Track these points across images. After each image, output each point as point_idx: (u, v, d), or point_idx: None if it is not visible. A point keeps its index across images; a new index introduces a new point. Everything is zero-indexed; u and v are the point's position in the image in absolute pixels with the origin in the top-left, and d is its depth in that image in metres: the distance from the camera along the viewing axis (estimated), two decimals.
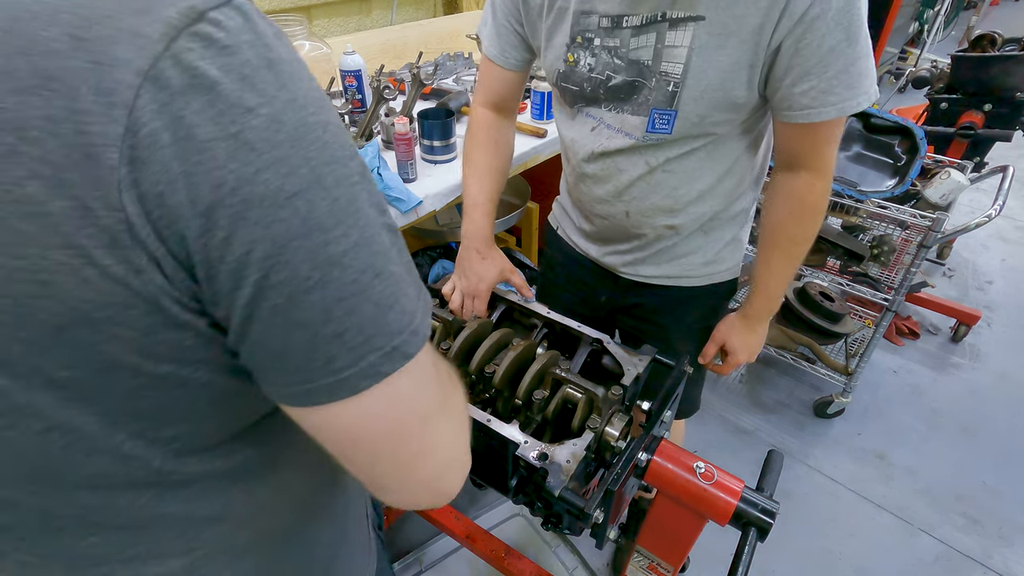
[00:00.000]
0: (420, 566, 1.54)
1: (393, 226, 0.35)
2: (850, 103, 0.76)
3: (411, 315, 0.34)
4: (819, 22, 0.70)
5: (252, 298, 0.29)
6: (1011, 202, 2.57)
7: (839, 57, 0.73)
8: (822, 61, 0.73)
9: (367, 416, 0.35)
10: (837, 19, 0.70)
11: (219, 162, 0.27)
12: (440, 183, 1.27)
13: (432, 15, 2.15)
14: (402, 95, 1.65)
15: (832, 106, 0.76)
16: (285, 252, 0.29)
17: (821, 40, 0.71)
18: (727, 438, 1.93)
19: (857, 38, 0.72)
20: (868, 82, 0.76)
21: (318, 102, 0.31)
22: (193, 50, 0.26)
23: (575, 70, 0.87)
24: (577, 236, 1.10)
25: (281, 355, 0.31)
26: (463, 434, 0.44)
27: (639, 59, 0.81)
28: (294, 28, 1.41)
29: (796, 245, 0.93)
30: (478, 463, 0.82)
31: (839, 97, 0.75)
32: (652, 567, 0.96)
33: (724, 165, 0.90)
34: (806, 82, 0.75)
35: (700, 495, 0.77)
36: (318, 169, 0.29)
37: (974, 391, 2.13)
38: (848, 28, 0.71)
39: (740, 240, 1.03)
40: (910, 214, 1.62)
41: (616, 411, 0.80)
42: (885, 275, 1.87)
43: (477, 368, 0.82)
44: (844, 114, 0.77)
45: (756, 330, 1.04)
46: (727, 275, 1.05)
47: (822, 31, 0.71)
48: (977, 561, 1.59)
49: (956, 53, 2.27)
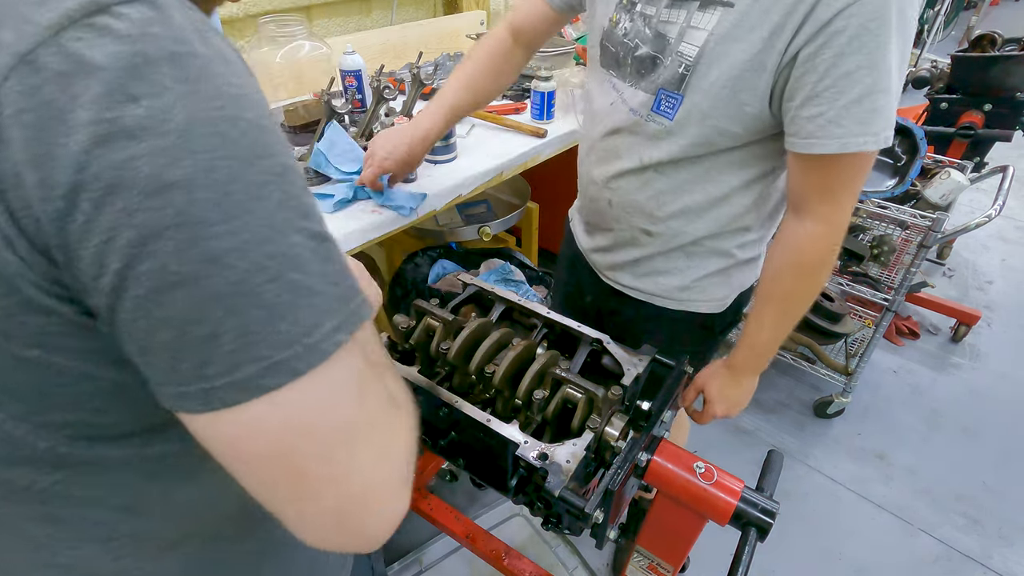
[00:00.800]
0: (420, 566, 1.54)
1: (319, 233, 0.33)
2: (855, 140, 0.68)
3: (313, 328, 0.31)
4: (839, 38, 0.64)
5: (114, 287, 0.28)
6: (1011, 202, 2.57)
7: (855, 85, 0.65)
8: (835, 85, 0.66)
9: (247, 433, 0.31)
10: (861, 40, 0.63)
11: (85, 146, 0.26)
12: (440, 183, 1.27)
13: (432, 15, 2.15)
14: (402, 95, 1.65)
15: (836, 139, 0.69)
16: (152, 243, 0.27)
17: (837, 59, 0.65)
18: (727, 438, 1.93)
19: (879, 68, 0.65)
20: (882, 122, 0.68)
21: (236, 99, 0.29)
22: (82, 39, 0.26)
23: (614, 31, 0.85)
24: (579, 227, 1.10)
25: (148, 350, 0.30)
26: (394, 466, 0.37)
27: (665, 33, 0.77)
28: (294, 28, 1.41)
29: (791, 302, 0.85)
30: (478, 463, 0.83)
31: (845, 131, 0.68)
32: (652, 567, 0.96)
33: (719, 190, 0.85)
34: (815, 106, 0.69)
35: (700, 495, 0.77)
36: (212, 163, 0.28)
37: (974, 391, 2.13)
38: (872, 54, 0.64)
39: (730, 277, 0.97)
40: (910, 214, 1.62)
41: (616, 411, 0.80)
42: (885, 275, 1.87)
43: (477, 368, 0.82)
44: (846, 150, 0.69)
45: (740, 383, 0.96)
46: (706, 307, 0.99)
47: (840, 49, 0.64)
48: (977, 561, 1.59)
49: (956, 53, 2.26)
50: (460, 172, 1.32)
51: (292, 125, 1.39)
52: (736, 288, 0.99)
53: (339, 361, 0.32)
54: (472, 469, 0.84)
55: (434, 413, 0.80)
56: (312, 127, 1.39)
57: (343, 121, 1.36)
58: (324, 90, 1.23)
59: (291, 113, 1.43)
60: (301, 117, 1.42)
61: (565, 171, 1.82)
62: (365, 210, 1.15)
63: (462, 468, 0.84)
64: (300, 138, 1.38)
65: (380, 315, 1.60)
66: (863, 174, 0.75)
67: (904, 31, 0.65)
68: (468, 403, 0.79)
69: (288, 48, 1.42)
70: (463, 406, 0.78)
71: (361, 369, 0.35)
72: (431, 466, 1.59)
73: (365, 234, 1.13)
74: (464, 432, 0.80)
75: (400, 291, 1.85)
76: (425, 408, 0.82)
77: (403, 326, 0.87)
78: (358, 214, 1.14)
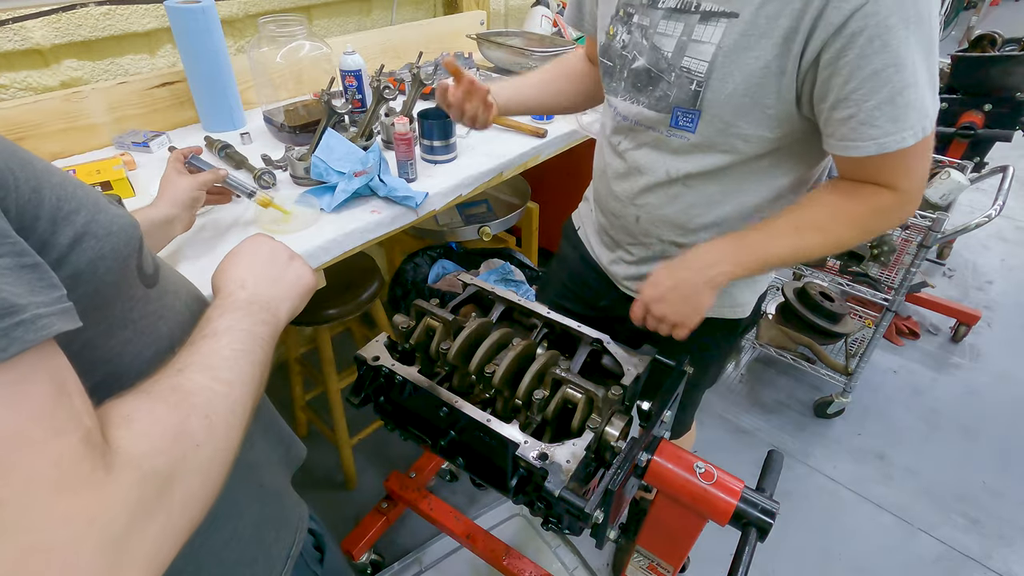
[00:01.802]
0: (420, 566, 1.54)
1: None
2: (892, 138, 0.66)
3: None
4: (859, 39, 0.62)
5: None
6: (1011, 202, 2.56)
7: (883, 84, 0.63)
8: (862, 87, 0.64)
9: None
10: (883, 39, 0.61)
11: None
12: (440, 183, 1.27)
13: (432, 15, 2.15)
14: (402, 95, 1.65)
15: (872, 140, 0.67)
16: None
17: (861, 61, 0.63)
18: (727, 438, 1.93)
19: (905, 63, 0.62)
20: (917, 115, 0.65)
21: None
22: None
23: (612, 44, 0.84)
24: (595, 238, 1.09)
25: None
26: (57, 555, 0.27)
27: (660, 47, 0.76)
28: (294, 28, 1.41)
29: (838, 241, 0.77)
30: (478, 463, 0.82)
31: (881, 131, 0.66)
32: (652, 567, 0.96)
33: (751, 199, 0.82)
34: (845, 109, 0.67)
35: (700, 495, 0.77)
36: None
37: (974, 391, 2.13)
38: (897, 51, 0.62)
39: (755, 283, 0.97)
40: None
41: (616, 411, 0.80)
42: (885, 275, 1.87)
43: (477, 368, 0.82)
44: (885, 150, 0.67)
45: (709, 278, 0.80)
46: (731, 313, 0.97)
47: (862, 50, 0.62)
48: (977, 561, 1.59)
49: (956, 53, 2.26)
50: (460, 172, 1.32)
51: (292, 125, 1.39)
52: (758, 292, 0.99)
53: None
54: (472, 469, 0.84)
55: (434, 413, 0.80)
56: (312, 127, 1.39)
57: (343, 121, 1.36)
58: (324, 90, 1.23)
59: (291, 113, 1.43)
60: (301, 117, 1.42)
61: (565, 171, 1.82)
62: (365, 210, 1.15)
63: (462, 468, 0.84)
64: (300, 138, 1.38)
65: (380, 315, 1.61)
66: (920, 160, 0.71)
67: (923, 22, 0.63)
68: (468, 403, 0.79)
69: (288, 48, 1.42)
70: (463, 406, 0.78)
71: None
72: (431, 466, 1.59)
73: (365, 234, 1.12)
74: (464, 432, 0.80)
75: (400, 291, 1.85)
76: (425, 408, 0.82)
77: (403, 326, 0.87)
78: (358, 214, 1.14)
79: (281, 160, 1.28)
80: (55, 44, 1.30)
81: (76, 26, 1.31)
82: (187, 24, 1.32)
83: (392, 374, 0.84)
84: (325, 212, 1.13)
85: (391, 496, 1.53)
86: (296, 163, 1.20)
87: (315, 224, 1.10)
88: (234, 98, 1.47)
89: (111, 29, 1.37)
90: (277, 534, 0.60)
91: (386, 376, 0.86)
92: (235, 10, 1.58)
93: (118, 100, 1.37)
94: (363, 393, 0.89)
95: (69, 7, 1.28)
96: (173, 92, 1.45)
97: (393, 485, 1.51)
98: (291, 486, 0.69)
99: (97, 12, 1.33)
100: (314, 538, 0.70)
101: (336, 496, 1.72)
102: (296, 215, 1.09)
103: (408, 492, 1.48)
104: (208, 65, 1.39)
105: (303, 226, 1.08)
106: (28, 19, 1.24)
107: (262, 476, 0.60)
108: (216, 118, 1.46)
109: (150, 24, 1.43)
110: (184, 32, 1.33)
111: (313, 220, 1.10)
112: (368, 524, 1.50)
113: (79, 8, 1.30)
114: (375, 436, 1.75)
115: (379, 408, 0.92)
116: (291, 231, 1.07)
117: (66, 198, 0.38)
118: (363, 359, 0.87)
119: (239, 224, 1.08)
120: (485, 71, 1.96)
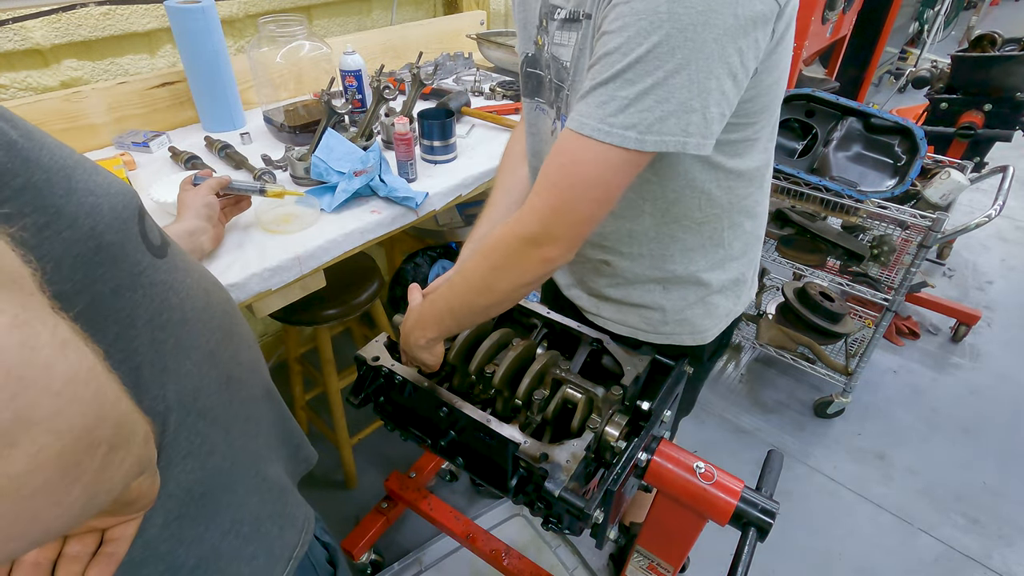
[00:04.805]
0: (420, 566, 1.54)
1: None
2: (577, 122, 0.60)
3: None
4: (613, 12, 0.57)
5: None
6: (1011, 202, 2.57)
7: (606, 69, 0.57)
8: (597, 62, 0.59)
9: None
10: (628, 18, 0.55)
11: None
12: (440, 183, 1.27)
13: (432, 15, 2.15)
14: (402, 95, 1.65)
15: (575, 117, 0.61)
16: None
17: (606, 36, 0.57)
18: (727, 438, 1.93)
19: (635, 61, 0.55)
20: (604, 112, 0.58)
21: None
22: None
23: (541, 55, 0.80)
24: None
25: None
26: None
27: (559, 56, 0.73)
28: (294, 28, 1.41)
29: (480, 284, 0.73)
30: (478, 463, 0.82)
31: (577, 111, 0.60)
32: (652, 567, 0.96)
33: (660, 207, 0.77)
34: (587, 79, 0.61)
35: (700, 495, 0.77)
36: None
37: (974, 391, 2.13)
38: (633, 38, 0.55)
39: (713, 307, 0.89)
40: (910, 214, 1.62)
41: (616, 411, 0.80)
42: (885, 275, 1.87)
43: (477, 368, 0.82)
44: (581, 131, 0.60)
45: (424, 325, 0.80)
46: (691, 340, 0.91)
47: (609, 23, 0.57)
48: (977, 561, 1.59)
49: (956, 53, 2.26)
50: (460, 172, 1.32)
51: (292, 125, 1.39)
52: (720, 316, 0.91)
53: None
54: (472, 469, 0.84)
55: (434, 413, 0.80)
56: (312, 127, 1.39)
57: (343, 121, 1.36)
58: (324, 90, 1.23)
59: (291, 113, 1.43)
60: (301, 117, 1.42)
61: None
62: (365, 210, 1.15)
63: (462, 468, 0.84)
64: (300, 138, 1.38)
65: (380, 315, 1.61)
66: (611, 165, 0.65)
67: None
68: (468, 403, 0.79)
69: (288, 48, 1.42)
70: (463, 406, 0.78)
71: None
72: (431, 466, 1.59)
73: (365, 234, 1.13)
74: (464, 432, 0.80)
75: (400, 291, 1.85)
76: (425, 408, 0.82)
77: None
78: (358, 214, 1.14)
79: (281, 160, 1.28)
80: (55, 44, 1.30)
81: (76, 26, 1.31)
82: (187, 24, 1.32)
83: (392, 374, 0.85)
84: (325, 212, 1.13)
85: (391, 496, 1.53)
86: (296, 163, 1.20)
87: (315, 224, 1.10)
88: (234, 98, 1.47)
89: (111, 29, 1.37)
90: (280, 531, 0.60)
91: (386, 376, 0.86)
92: (235, 10, 1.59)
93: (118, 100, 1.37)
94: (363, 393, 0.89)
95: (69, 7, 1.29)
96: (173, 92, 1.46)
97: (393, 485, 1.51)
98: (297, 489, 0.69)
99: (97, 12, 1.33)
100: (327, 552, 0.70)
101: (336, 496, 1.72)
102: (296, 215, 1.09)
103: (408, 492, 1.48)
104: (208, 65, 1.39)
105: (303, 226, 1.08)
106: (28, 19, 1.24)
107: (264, 467, 0.60)
108: (216, 118, 1.46)
109: (150, 24, 1.43)
110: (184, 32, 1.34)
111: (313, 220, 1.10)
112: (368, 524, 1.50)
113: (79, 8, 1.30)
114: (375, 436, 1.75)
115: (379, 408, 0.92)
116: (291, 231, 1.07)
117: (63, 156, 0.39)
118: (363, 359, 0.87)
119: (239, 226, 1.08)
120: (485, 71, 1.96)
